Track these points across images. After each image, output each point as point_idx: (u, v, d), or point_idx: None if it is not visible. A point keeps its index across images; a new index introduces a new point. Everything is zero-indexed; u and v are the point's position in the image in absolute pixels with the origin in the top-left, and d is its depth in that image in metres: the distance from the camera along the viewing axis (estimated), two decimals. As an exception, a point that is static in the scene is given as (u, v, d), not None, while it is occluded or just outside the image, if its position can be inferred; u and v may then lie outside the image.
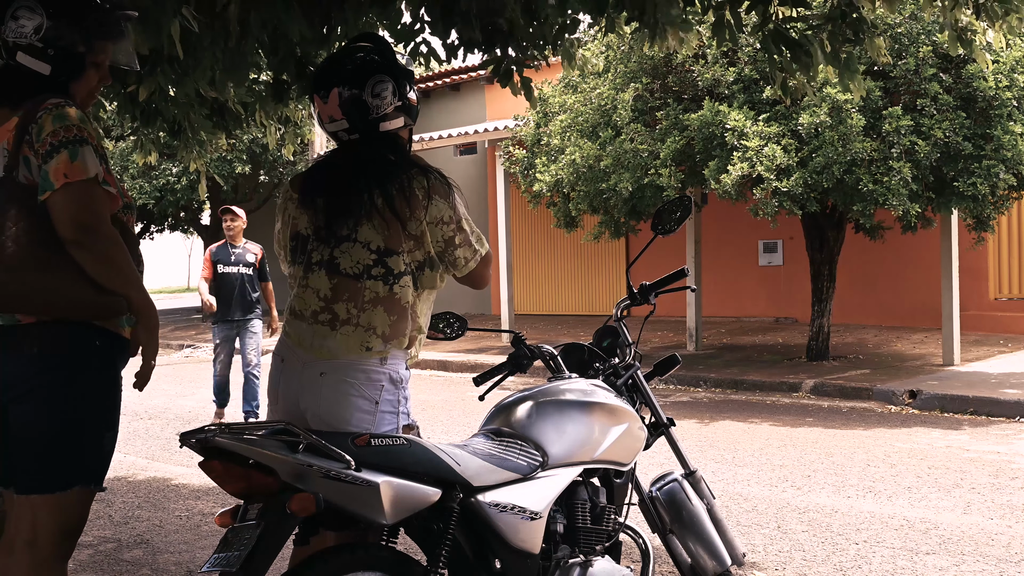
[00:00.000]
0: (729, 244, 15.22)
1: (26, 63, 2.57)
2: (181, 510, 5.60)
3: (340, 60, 2.69)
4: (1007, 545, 4.68)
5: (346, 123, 2.65)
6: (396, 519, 2.25)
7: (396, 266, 2.58)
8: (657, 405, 3.16)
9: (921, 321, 13.29)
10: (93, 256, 2.44)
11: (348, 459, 2.17)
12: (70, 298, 2.47)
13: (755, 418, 8.60)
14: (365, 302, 2.56)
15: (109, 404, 2.58)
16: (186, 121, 5.55)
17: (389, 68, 2.66)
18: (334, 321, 2.58)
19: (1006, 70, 9.22)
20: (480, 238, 2.72)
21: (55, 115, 2.47)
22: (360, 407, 2.53)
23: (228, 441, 2.13)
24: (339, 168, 2.66)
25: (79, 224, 2.42)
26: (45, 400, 2.48)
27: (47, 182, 2.43)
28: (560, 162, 11.17)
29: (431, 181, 2.62)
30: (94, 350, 2.53)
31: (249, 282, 8.37)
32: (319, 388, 2.55)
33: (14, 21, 2.55)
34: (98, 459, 2.58)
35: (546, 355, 3.13)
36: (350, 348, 2.55)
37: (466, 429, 8.04)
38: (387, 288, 2.58)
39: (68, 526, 2.53)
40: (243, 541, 2.10)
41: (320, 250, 2.63)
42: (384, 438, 2.32)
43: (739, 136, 9.44)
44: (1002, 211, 10.29)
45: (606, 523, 2.83)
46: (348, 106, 2.63)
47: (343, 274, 2.59)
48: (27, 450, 2.51)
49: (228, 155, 18.24)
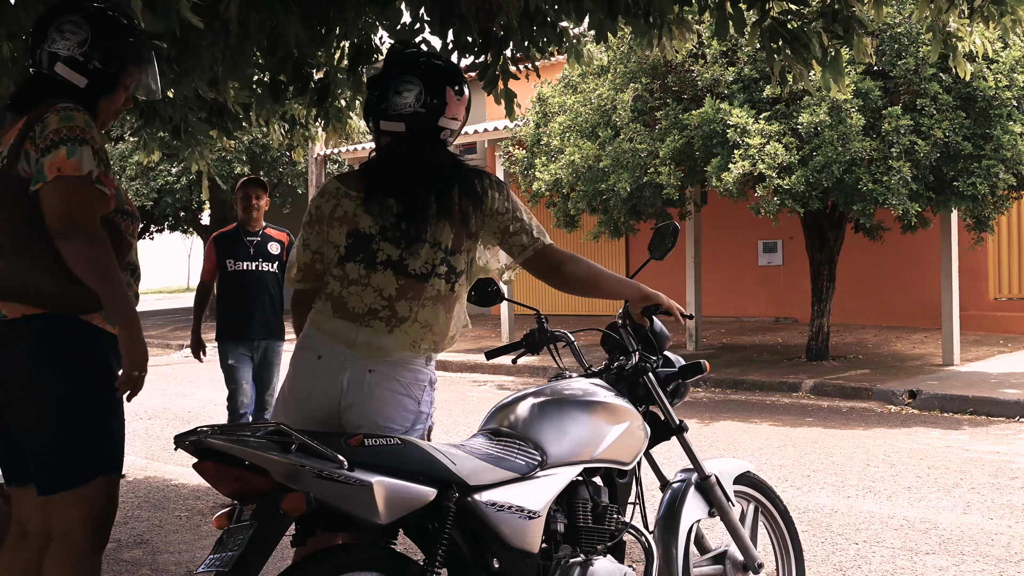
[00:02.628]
0: (729, 244, 15.22)
1: (63, 74, 2.65)
2: (181, 510, 5.60)
3: (410, 60, 2.74)
4: (1007, 545, 4.68)
5: (403, 124, 2.66)
6: (391, 519, 2.25)
7: (458, 264, 2.66)
8: (670, 409, 3.12)
9: (921, 321, 13.29)
10: (74, 250, 2.48)
11: (341, 459, 2.18)
12: (50, 288, 2.50)
13: (755, 418, 8.60)
14: (426, 298, 2.62)
15: (107, 395, 2.59)
16: (185, 122, 5.55)
17: (446, 74, 2.72)
18: (392, 319, 2.60)
19: (1006, 70, 9.22)
20: (541, 230, 2.78)
21: (62, 115, 2.53)
22: (406, 406, 2.59)
23: (221, 442, 2.13)
24: (402, 168, 2.66)
25: (65, 217, 2.46)
26: (42, 397, 2.50)
27: (41, 174, 2.48)
28: (559, 162, 11.17)
29: (489, 176, 2.71)
30: (81, 344, 2.55)
31: (274, 284, 5.82)
32: (365, 386, 2.56)
33: (59, 34, 2.64)
34: (111, 447, 2.60)
35: (560, 342, 3.17)
36: (402, 346, 2.59)
37: (466, 429, 8.04)
38: (448, 287, 2.65)
39: (99, 516, 2.57)
40: (236, 542, 2.11)
41: (387, 250, 2.62)
42: (378, 438, 2.32)
43: (741, 133, 9.43)
44: (1002, 211, 10.29)
45: (608, 522, 2.82)
46: (422, 104, 2.65)
47: (411, 275, 2.61)
48: (39, 449, 2.54)
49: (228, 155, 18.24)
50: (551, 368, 10.75)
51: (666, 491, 3.15)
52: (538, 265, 2.78)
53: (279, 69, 4.82)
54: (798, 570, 3.44)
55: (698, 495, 3.13)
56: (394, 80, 2.67)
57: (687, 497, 3.10)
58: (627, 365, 3.06)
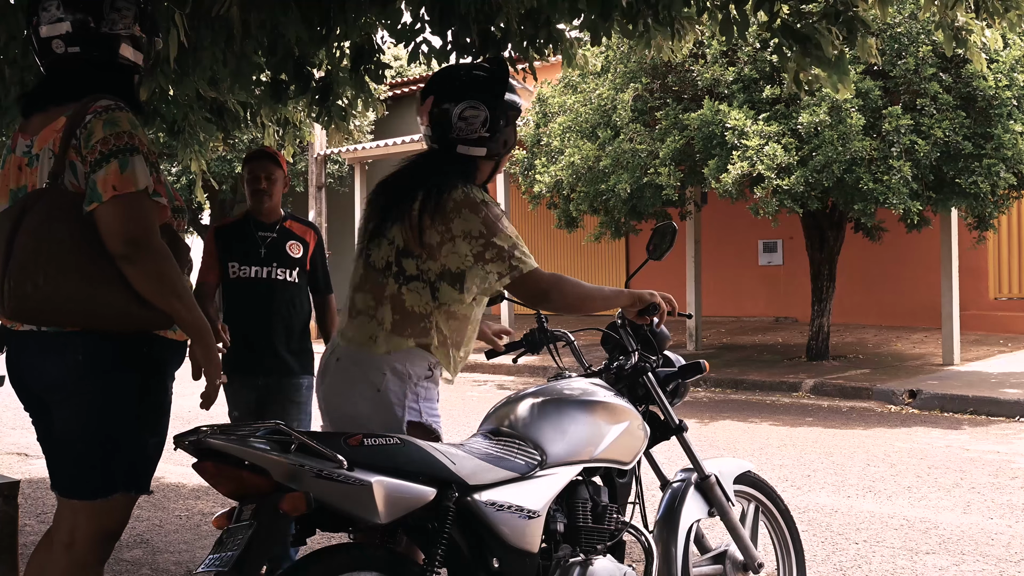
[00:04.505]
0: (729, 244, 15.22)
1: (127, 55, 2.53)
2: (181, 510, 5.60)
3: (452, 72, 2.81)
4: (1007, 545, 4.68)
5: (431, 132, 2.74)
6: (391, 519, 2.25)
7: (409, 268, 2.64)
8: (670, 409, 3.12)
9: (921, 321, 13.29)
10: (143, 272, 2.37)
11: (340, 459, 2.18)
12: (113, 310, 2.40)
13: (755, 418, 8.60)
14: (383, 296, 2.65)
15: (155, 411, 2.54)
16: (185, 121, 5.55)
17: (490, 98, 2.71)
18: (353, 309, 2.70)
19: (1006, 69, 9.22)
20: (521, 258, 2.63)
21: (106, 120, 2.40)
22: (362, 393, 2.60)
23: (221, 442, 2.14)
24: (402, 173, 2.77)
25: (129, 239, 2.34)
26: (85, 407, 2.44)
27: (95, 192, 2.35)
28: (560, 163, 11.18)
29: (465, 195, 2.62)
30: (140, 357, 2.48)
31: (293, 297, 4.20)
32: (332, 372, 2.67)
33: (116, 12, 2.49)
34: (142, 465, 2.54)
35: (560, 342, 3.19)
36: (360, 339, 2.64)
37: (466, 429, 8.04)
38: (396, 287, 2.64)
39: (107, 531, 2.52)
40: (236, 541, 2.11)
41: (363, 241, 2.76)
42: (377, 437, 2.32)
43: (739, 135, 9.44)
44: (1003, 210, 10.29)
45: (608, 522, 2.82)
46: (435, 118, 2.71)
47: (371, 267, 2.69)
48: (67, 455, 2.49)
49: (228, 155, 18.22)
50: (551, 368, 10.75)
51: (666, 491, 3.15)
52: (519, 292, 2.72)
53: (279, 69, 4.82)
54: (799, 570, 3.44)
55: (698, 495, 3.13)
56: (432, 87, 2.79)
57: (687, 497, 3.09)
58: (627, 365, 3.05)
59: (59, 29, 2.46)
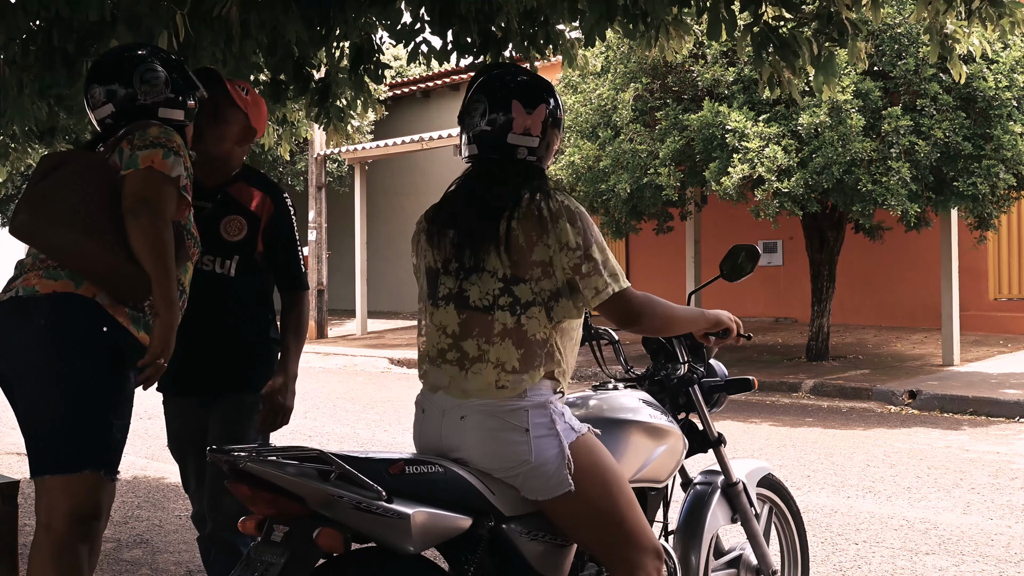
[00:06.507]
0: (729, 244, 15.08)
1: (167, 115, 2.82)
2: (181, 510, 5.59)
3: (500, 78, 2.53)
4: (1007, 545, 4.68)
5: (475, 146, 2.50)
6: (424, 548, 2.21)
7: (523, 295, 2.37)
8: (710, 422, 3.06)
9: (921, 321, 13.29)
10: (141, 228, 2.56)
11: (379, 490, 2.12)
12: (104, 262, 2.56)
13: (755, 418, 8.60)
14: (495, 335, 2.36)
15: (116, 393, 2.61)
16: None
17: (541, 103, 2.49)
18: (463, 360, 2.39)
19: (1006, 70, 9.22)
20: (616, 273, 2.42)
21: (163, 129, 2.70)
22: (511, 440, 2.34)
23: (258, 467, 2.08)
24: (467, 195, 2.49)
25: (140, 197, 2.58)
26: (46, 377, 2.54)
27: (134, 161, 2.62)
28: (560, 163, 11.18)
29: (560, 204, 2.40)
30: (100, 335, 2.57)
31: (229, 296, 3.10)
32: (464, 433, 2.37)
33: (146, 84, 2.81)
34: (106, 445, 2.61)
35: (603, 339, 3.05)
36: (483, 389, 2.36)
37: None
38: (514, 319, 2.37)
39: (80, 511, 2.58)
40: (267, 566, 2.07)
41: (448, 283, 2.43)
42: (419, 465, 2.25)
43: (739, 137, 9.44)
44: (1003, 211, 10.29)
45: None
46: (495, 125, 2.47)
47: (472, 307, 2.39)
48: (35, 430, 2.59)
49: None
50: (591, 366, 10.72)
51: (688, 492, 3.10)
52: (611, 312, 2.45)
53: (279, 69, 4.82)
54: (803, 572, 3.42)
55: (724, 501, 3.08)
56: (470, 101, 2.53)
57: (712, 504, 3.05)
58: (673, 375, 2.98)
59: (105, 112, 2.82)
